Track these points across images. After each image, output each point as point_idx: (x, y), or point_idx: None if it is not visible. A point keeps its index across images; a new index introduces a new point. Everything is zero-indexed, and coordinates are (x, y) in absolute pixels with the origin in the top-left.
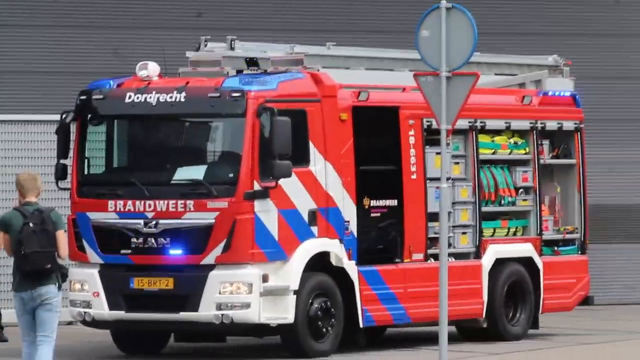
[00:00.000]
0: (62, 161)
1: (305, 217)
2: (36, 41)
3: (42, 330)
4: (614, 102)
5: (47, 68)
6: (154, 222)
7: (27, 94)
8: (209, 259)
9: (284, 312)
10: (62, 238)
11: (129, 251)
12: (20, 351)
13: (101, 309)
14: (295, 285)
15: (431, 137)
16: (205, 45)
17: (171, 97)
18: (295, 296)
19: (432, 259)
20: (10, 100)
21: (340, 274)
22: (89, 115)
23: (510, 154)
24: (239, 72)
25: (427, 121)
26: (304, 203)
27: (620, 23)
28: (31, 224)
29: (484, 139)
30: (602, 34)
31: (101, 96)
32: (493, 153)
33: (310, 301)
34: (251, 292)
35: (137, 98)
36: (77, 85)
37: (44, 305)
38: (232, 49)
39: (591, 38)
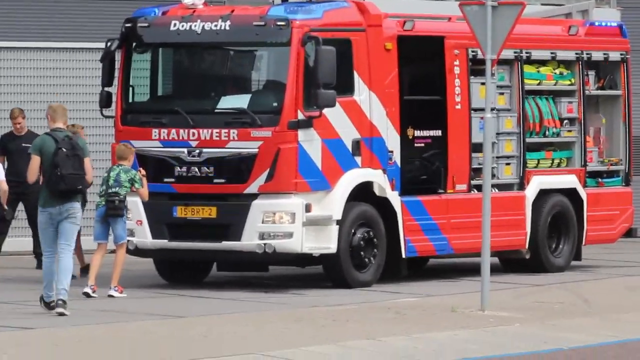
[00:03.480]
0: (106, 89)
1: (349, 147)
2: None
3: (65, 240)
4: None
5: None
6: (197, 151)
7: (72, 21)
8: (252, 188)
9: (327, 242)
10: (89, 164)
11: (173, 180)
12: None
13: (144, 237)
14: (338, 215)
15: (476, 67)
16: None
17: (216, 26)
18: (338, 226)
19: (475, 190)
20: (56, 27)
21: (383, 205)
22: (134, 43)
23: (555, 84)
24: (285, 0)
25: (473, 51)
26: (347, 133)
27: None
28: (64, 149)
29: (529, 69)
30: None
31: (146, 24)
32: (538, 84)
33: (353, 231)
34: (294, 221)
35: (182, 26)
36: (122, 13)
37: (69, 218)
38: None
39: None
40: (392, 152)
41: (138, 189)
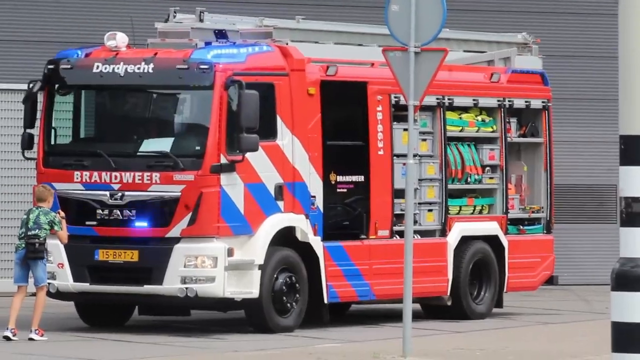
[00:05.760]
0: (28, 131)
1: (272, 192)
2: (4, 9)
3: None
4: (582, 81)
5: (14, 37)
6: (119, 194)
7: None
8: (174, 232)
9: (249, 287)
10: None
11: (94, 223)
12: None
13: (66, 280)
14: (260, 260)
15: (399, 113)
16: (174, 17)
17: (139, 68)
18: (260, 271)
19: (397, 236)
20: None
21: (305, 250)
22: (57, 85)
23: (477, 131)
24: (208, 44)
25: (395, 97)
26: (270, 177)
27: (589, 1)
28: None
29: (451, 115)
30: (571, 12)
31: (69, 66)
32: (460, 130)
33: (275, 276)
34: (216, 266)
35: (105, 68)
36: (45, 55)
37: None
38: (201, 20)
39: (560, 16)
40: (314, 197)
41: (57, 232)
